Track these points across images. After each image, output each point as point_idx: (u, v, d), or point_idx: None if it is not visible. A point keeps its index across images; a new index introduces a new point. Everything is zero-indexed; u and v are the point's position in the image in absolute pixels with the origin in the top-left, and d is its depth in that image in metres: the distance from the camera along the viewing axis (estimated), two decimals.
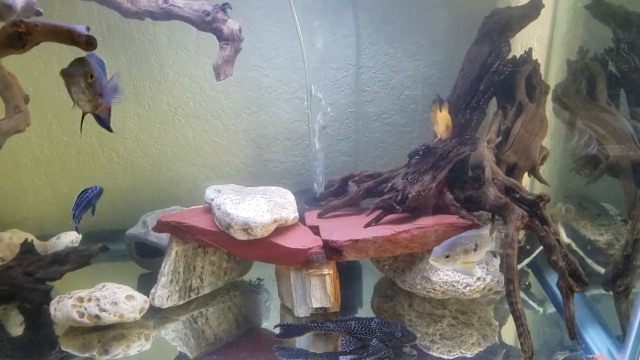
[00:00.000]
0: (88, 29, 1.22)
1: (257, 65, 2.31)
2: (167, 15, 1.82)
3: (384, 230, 1.71)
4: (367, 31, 2.28)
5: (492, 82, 1.99)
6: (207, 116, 2.38)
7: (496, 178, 1.71)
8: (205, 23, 1.83)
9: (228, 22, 1.84)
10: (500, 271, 1.77)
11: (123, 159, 2.40)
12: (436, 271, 1.73)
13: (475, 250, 1.49)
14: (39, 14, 1.58)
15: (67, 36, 1.22)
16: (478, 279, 1.73)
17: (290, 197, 1.87)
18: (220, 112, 2.38)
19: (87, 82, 1.27)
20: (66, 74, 1.25)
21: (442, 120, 1.85)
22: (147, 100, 2.33)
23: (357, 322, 1.56)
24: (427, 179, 1.79)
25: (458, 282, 1.72)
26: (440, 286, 1.72)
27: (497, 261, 1.80)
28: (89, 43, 1.21)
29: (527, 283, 2.04)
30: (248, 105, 2.37)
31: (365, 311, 1.83)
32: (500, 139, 1.89)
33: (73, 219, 1.84)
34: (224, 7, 1.83)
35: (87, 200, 1.88)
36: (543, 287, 1.98)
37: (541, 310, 1.90)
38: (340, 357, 1.54)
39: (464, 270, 1.54)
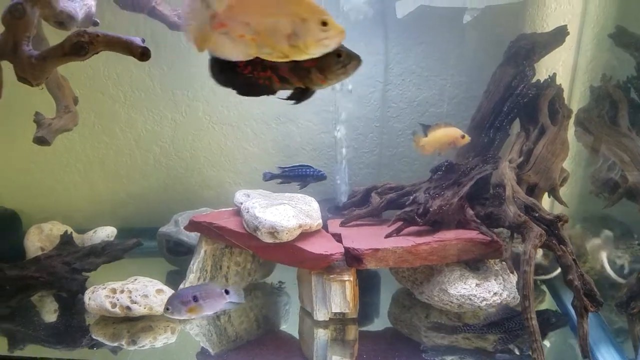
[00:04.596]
0: (144, 40, 1.32)
1: None
2: None
3: (404, 242, 1.75)
4: (396, 50, 2.37)
5: (515, 104, 2.05)
6: (240, 125, 2.49)
7: (516, 197, 1.75)
8: None
9: None
10: (516, 287, 1.81)
11: (158, 161, 2.53)
12: (454, 284, 1.77)
13: (196, 301, 1.58)
14: (96, 24, 1.68)
15: (125, 47, 1.33)
16: (495, 294, 1.76)
17: (315, 205, 1.95)
18: (252, 121, 2.49)
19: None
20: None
21: (439, 138, 1.96)
22: (184, 107, 2.46)
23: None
24: (449, 194, 1.85)
25: (475, 295, 1.75)
26: (457, 299, 1.75)
27: (514, 277, 1.84)
28: (143, 54, 1.32)
29: None
30: (278, 116, 2.48)
31: (382, 320, 1.88)
32: (522, 159, 1.93)
33: (271, 175, 1.84)
34: None
35: (300, 173, 1.90)
36: (558, 305, 2.00)
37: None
38: None
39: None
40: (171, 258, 2.24)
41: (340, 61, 1.23)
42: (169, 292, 1.83)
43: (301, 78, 1.24)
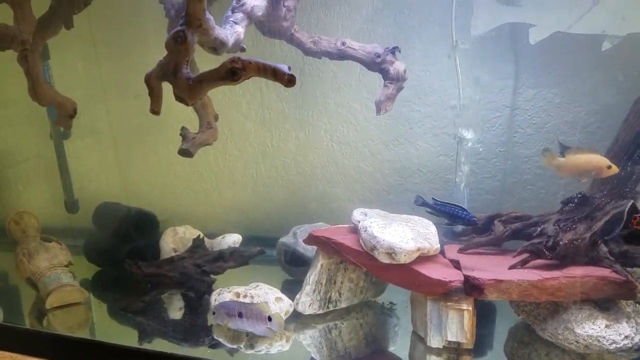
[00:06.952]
0: (289, 68, 1.42)
1: (410, 101, 2.44)
2: (343, 55, 2.01)
3: (530, 275, 1.68)
4: (526, 75, 2.29)
5: None
6: (357, 144, 2.56)
7: None
8: (375, 64, 1.98)
9: (395, 64, 1.99)
10: None
11: (280, 175, 2.68)
12: (581, 323, 1.66)
13: (240, 317, 1.71)
14: (243, 50, 1.80)
15: (273, 73, 1.41)
16: (626, 337, 1.63)
17: (433, 229, 1.93)
18: (370, 141, 2.55)
19: None
20: None
21: (581, 164, 1.82)
22: (308, 126, 2.60)
23: None
24: (582, 228, 1.74)
25: (604, 337, 1.63)
26: (584, 339, 1.64)
27: None
28: (289, 81, 1.39)
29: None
30: (396, 137, 2.50)
31: (497, 353, 1.80)
32: None
33: (423, 201, 1.87)
34: (393, 50, 1.98)
35: (451, 212, 1.87)
36: None
37: None
38: None
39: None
40: (288, 268, 2.34)
41: None
42: (286, 301, 1.92)
43: None
